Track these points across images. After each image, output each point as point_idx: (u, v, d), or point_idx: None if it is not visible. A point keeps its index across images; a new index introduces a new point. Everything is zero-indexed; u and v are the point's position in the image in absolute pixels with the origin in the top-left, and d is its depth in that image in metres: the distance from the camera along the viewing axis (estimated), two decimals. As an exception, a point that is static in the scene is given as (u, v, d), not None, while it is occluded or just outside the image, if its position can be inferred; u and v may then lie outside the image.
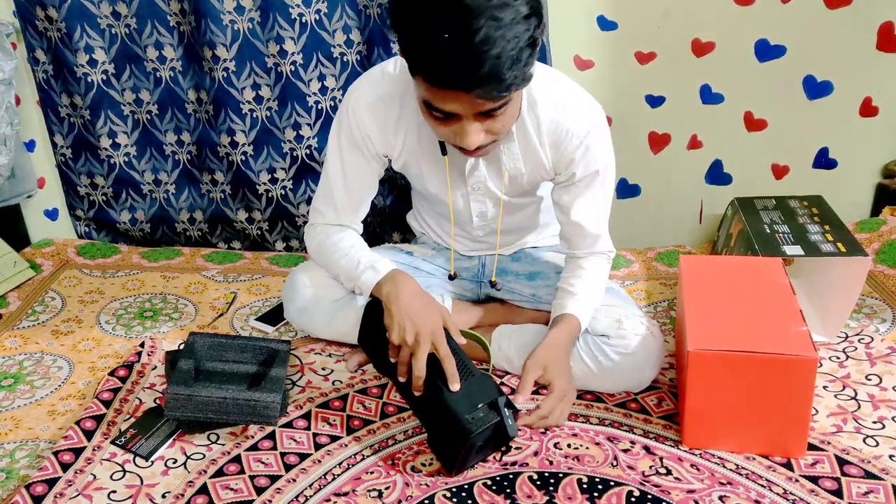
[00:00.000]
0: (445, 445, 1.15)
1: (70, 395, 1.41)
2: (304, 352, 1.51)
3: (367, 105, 1.27)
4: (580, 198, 1.31)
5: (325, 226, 1.39)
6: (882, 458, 1.17)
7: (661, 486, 1.12)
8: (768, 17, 1.76)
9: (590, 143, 1.25)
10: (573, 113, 1.24)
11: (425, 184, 1.38)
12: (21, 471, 1.21)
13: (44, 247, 2.01)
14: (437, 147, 1.27)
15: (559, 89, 1.25)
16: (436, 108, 1.06)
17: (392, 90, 1.26)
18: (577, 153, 1.25)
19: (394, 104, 1.26)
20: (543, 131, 1.25)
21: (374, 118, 1.28)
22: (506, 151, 1.27)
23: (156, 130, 1.93)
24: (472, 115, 1.05)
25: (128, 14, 1.80)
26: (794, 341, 1.14)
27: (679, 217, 2.01)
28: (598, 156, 1.27)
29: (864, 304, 1.61)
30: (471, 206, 1.39)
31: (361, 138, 1.30)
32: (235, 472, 1.18)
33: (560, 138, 1.25)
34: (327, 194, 1.37)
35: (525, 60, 0.99)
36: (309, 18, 1.74)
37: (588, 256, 1.37)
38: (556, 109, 1.23)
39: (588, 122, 1.25)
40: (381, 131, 1.29)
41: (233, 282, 1.85)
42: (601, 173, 1.29)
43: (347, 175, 1.34)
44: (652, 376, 1.33)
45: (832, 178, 1.91)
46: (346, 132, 1.30)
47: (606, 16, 1.80)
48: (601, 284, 1.37)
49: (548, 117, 1.24)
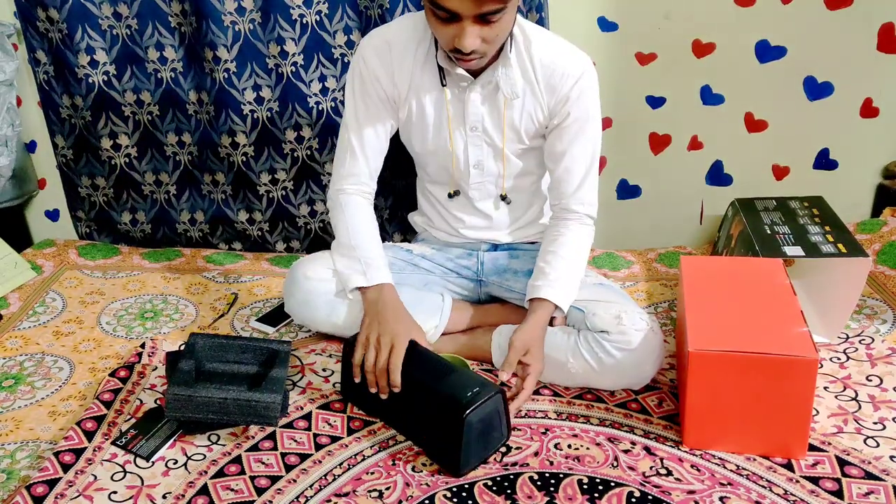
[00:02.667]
0: (446, 437, 1.14)
1: (71, 396, 1.41)
2: (305, 352, 1.51)
3: (373, 48, 1.36)
4: (573, 145, 1.36)
5: (342, 191, 1.43)
6: (883, 459, 1.16)
7: (662, 487, 1.12)
8: (769, 18, 1.76)
9: (583, 87, 1.33)
10: (567, 57, 1.33)
11: (426, 132, 1.42)
12: (22, 471, 1.21)
13: (45, 248, 2.01)
14: (439, 83, 1.35)
15: (552, 36, 1.36)
16: (440, 5, 1.14)
17: (396, 36, 1.36)
18: (571, 93, 1.33)
19: (398, 46, 1.35)
20: (539, 72, 1.33)
21: (380, 60, 1.36)
22: (503, 77, 1.32)
23: (157, 131, 1.94)
24: (472, 17, 1.14)
25: (129, 15, 1.80)
26: (795, 342, 1.14)
27: (680, 218, 2.01)
28: (590, 100, 1.35)
29: (865, 305, 1.61)
30: (468, 153, 1.42)
31: (371, 81, 1.37)
32: (236, 472, 1.18)
33: (555, 81, 1.33)
34: (343, 151, 1.43)
35: None
36: (310, 19, 1.75)
37: (570, 217, 1.41)
38: (549, 51, 1.33)
39: (581, 65, 1.33)
40: (387, 71, 1.36)
41: (233, 283, 1.85)
42: (592, 119, 1.36)
43: (361, 121, 1.40)
44: (653, 372, 1.33)
45: (833, 178, 1.91)
46: (358, 78, 1.38)
47: (607, 17, 1.80)
48: (581, 256, 1.40)
49: (541, 56, 1.32)
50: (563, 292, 1.35)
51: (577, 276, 1.38)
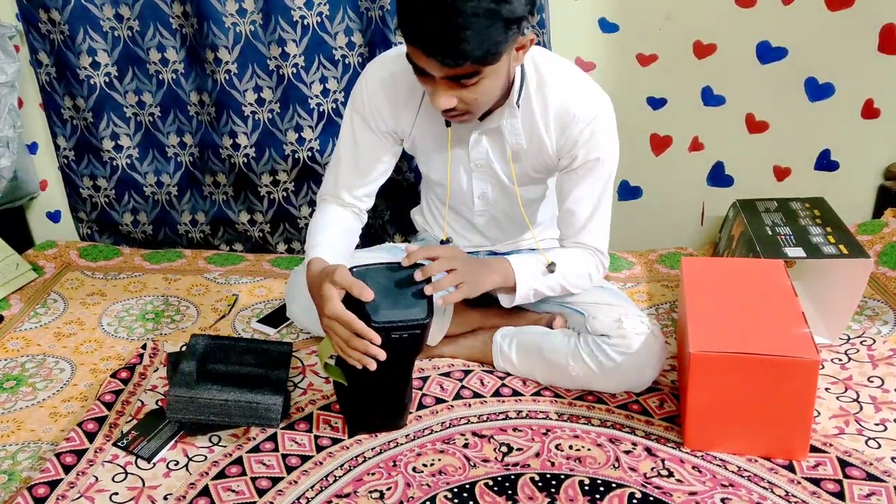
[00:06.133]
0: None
1: (72, 397, 1.41)
2: (306, 354, 1.51)
3: (379, 81, 1.30)
4: (578, 186, 1.31)
5: (324, 199, 1.41)
6: (884, 461, 1.16)
7: (663, 488, 1.12)
8: (770, 19, 1.76)
9: (594, 129, 1.26)
10: (582, 98, 1.26)
11: (430, 162, 1.40)
12: (23, 472, 1.21)
13: (46, 249, 2.01)
14: (443, 122, 1.28)
15: (571, 76, 1.28)
16: (412, 62, 1.10)
17: (406, 68, 1.26)
18: (581, 137, 1.26)
19: (406, 81, 1.28)
20: (550, 114, 1.26)
21: (386, 94, 1.30)
22: (508, 127, 1.27)
23: (158, 132, 1.94)
24: (441, 78, 1.09)
25: (130, 16, 1.80)
26: (796, 343, 1.14)
27: (681, 219, 2.01)
28: (601, 143, 1.27)
29: (866, 307, 1.61)
30: (473, 185, 1.40)
31: (372, 113, 1.32)
32: (237, 473, 1.18)
33: (566, 122, 1.26)
34: (334, 164, 1.39)
35: (494, 39, 1.03)
36: (311, 21, 1.75)
37: (574, 247, 1.37)
38: (565, 93, 1.25)
39: (595, 109, 1.26)
40: (392, 107, 1.32)
41: (234, 284, 1.85)
42: (602, 162, 1.29)
43: (355, 149, 1.36)
44: (653, 376, 1.33)
45: (834, 179, 1.91)
46: (359, 107, 1.33)
47: (608, 18, 1.80)
48: (575, 266, 1.34)
49: (556, 99, 1.25)
50: (527, 271, 1.31)
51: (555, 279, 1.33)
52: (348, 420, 1.29)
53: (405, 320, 1.12)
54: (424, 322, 1.13)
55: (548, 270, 1.32)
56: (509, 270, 1.31)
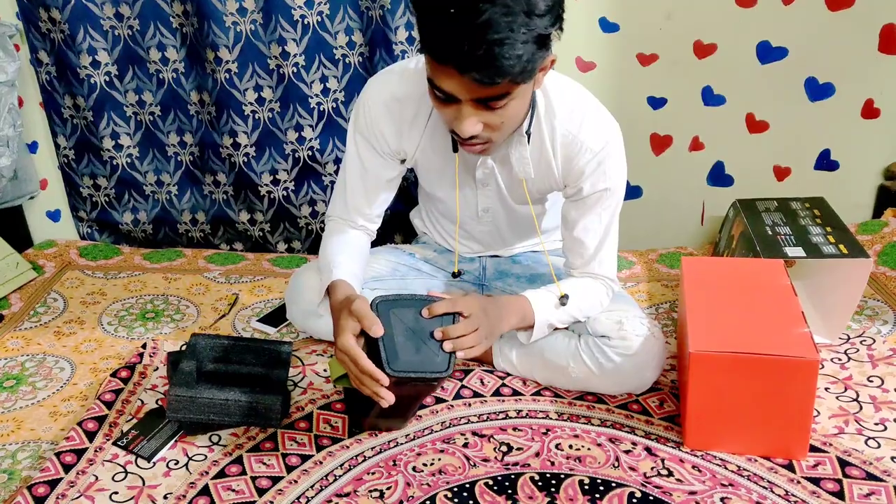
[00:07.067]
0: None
1: (72, 397, 1.41)
2: (306, 353, 1.51)
3: (382, 103, 1.26)
4: (585, 216, 1.28)
5: (334, 220, 1.39)
6: (884, 460, 1.16)
7: (663, 488, 1.12)
8: (770, 18, 1.76)
9: (602, 159, 1.23)
10: (590, 127, 1.22)
11: (434, 185, 1.39)
12: (23, 472, 1.21)
13: (46, 248, 2.01)
14: (450, 145, 1.24)
15: (579, 103, 1.24)
16: (436, 85, 1.04)
17: (409, 89, 1.25)
18: (587, 167, 1.23)
19: (410, 103, 1.25)
20: (557, 143, 1.24)
21: (389, 117, 1.27)
22: (516, 155, 1.25)
23: (158, 132, 1.94)
24: (469, 100, 1.04)
25: (130, 16, 1.80)
26: (796, 343, 1.14)
27: (681, 218, 2.01)
28: (608, 174, 1.24)
29: (866, 306, 1.61)
30: (478, 201, 1.39)
31: (374, 136, 1.30)
32: (237, 473, 1.18)
33: (573, 151, 1.23)
34: (341, 187, 1.37)
35: (529, 56, 0.98)
36: (311, 20, 1.75)
37: (584, 276, 1.34)
38: (572, 121, 1.22)
39: (603, 138, 1.23)
40: (396, 130, 1.28)
41: (234, 283, 1.85)
42: (611, 192, 1.26)
43: (362, 172, 1.34)
44: (654, 377, 1.33)
45: (834, 179, 1.91)
46: (362, 128, 1.30)
47: (608, 18, 1.80)
48: (588, 297, 1.32)
49: (564, 128, 1.22)
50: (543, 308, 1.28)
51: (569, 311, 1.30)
52: (351, 421, 1.29)
53: (423, 371, 1.07)
54: (442, 376, 1.09)
55: (560, 303, 1.29)
56: (527, 310, 1.27)
